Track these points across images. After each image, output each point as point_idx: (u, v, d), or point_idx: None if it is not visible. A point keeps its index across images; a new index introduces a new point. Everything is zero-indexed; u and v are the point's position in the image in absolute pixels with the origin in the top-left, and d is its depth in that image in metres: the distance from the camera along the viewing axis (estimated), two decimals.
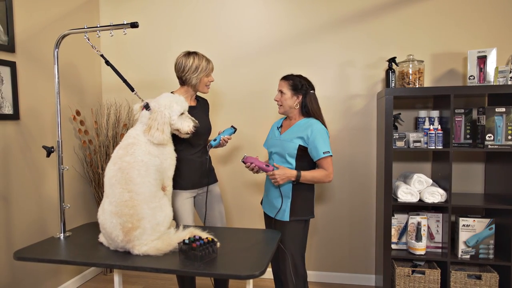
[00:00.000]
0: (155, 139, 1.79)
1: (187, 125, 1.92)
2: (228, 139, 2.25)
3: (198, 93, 2.33)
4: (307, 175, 1.96)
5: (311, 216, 2.07)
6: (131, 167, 1.70)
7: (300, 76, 2.10)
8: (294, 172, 1.95)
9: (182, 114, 1.92)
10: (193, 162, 2.24)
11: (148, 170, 1.74)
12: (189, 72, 2.16)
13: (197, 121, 1.98)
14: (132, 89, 2.05)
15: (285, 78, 2.10)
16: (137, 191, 1.68)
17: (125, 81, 2.04)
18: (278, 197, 2.06)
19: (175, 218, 2.22)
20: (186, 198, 2.22)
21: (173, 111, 1.88)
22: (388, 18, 2.77)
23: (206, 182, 2.31)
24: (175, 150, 2.02)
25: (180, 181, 2.20)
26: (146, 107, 1.89)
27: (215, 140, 2.21)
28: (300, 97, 2.06)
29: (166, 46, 3.15)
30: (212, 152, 2.87)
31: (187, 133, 1.94)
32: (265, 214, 2.21)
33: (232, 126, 2.27)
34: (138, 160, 1.73)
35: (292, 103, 2.07)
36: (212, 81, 2.25)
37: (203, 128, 2.24)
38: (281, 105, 2.10)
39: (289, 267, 2.01)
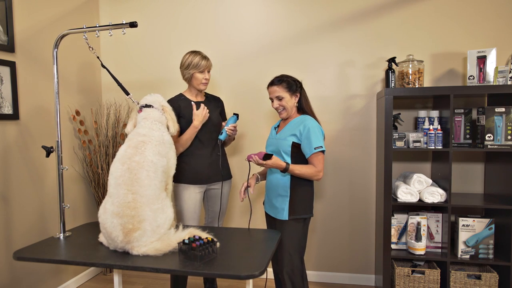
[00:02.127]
0: (174, 131, 1.97)
1: (174, 127, 2.07)
2: (234, 127, 2.30)
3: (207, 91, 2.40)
4: (295, 168, 1.95)
5: (310, 214, 2.06)
6: (140, 168, 1.70)
7: (287, 76, 2.08)
8: (284, 163, 1.94)
9: None
10: (203, 157, 2.29)
11: (157, 172, 1.74)
12: (182, 68, 2.31)
13: None
14: (127, 93, 2.06)
15: (276, 83, 2.05)
16: (142, 193, 1.67)
17: (120, 84, 2.05)
18: (277, 196, 2.06)
19: (181, 212, 2.27)
20: (194, 192, 2.28)
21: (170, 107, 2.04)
22: (388, 18, 2.77)
23: (219, 178, 2.35)
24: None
25: (189, 176, 2.26)
26: (148, 105, 1.91)
27: (221, 133, 2.27)
28: (298, 95, 2.08)
29: (165, 46, 3.15)
30: None
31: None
32: (266, 214, 2.21)
33: (234, 114, 2.33)
34: (148, 160, 1.72)
35: (293, 104, 2.08)
36: (206, 78, 2.29)
37: (212, 120, 2.33)
38: (283, 109, 2.07)
39: (287, 266, 2.01)
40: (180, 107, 2.29)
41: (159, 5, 3.14)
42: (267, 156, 1.91)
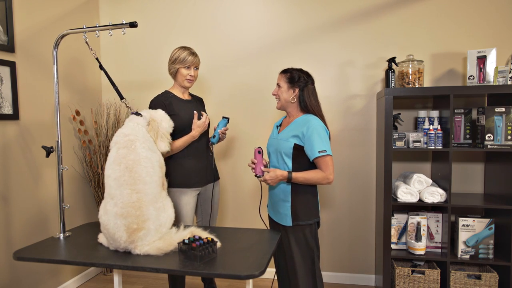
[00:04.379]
0: (161, 150, 1.90)
1: (164, 145, 1.96)
2: (225, 130, 2.29)
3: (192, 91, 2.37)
4: (299, 176, 1.86)
5: (314, 219, 1.96)
6: (137, 165, 1.70)
7: (300, 70, 2.00)
8: (286, 173, 1.87)
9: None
10: (199, 159, 2.27)
11: (154, 167, 1.75)
12: (169, 63, 2.27)
13: (171, 142, 2.04)
14: (121, 97, 2.03)
15: (283, 71, 2.03)
16: (146, 191, 1.68)
17: (116, 88, 2.04)
18: (279, 201, 1.99)
19: (178, 216, 2.23)
20: (192, 196, 2.25)
21: (164, 127, 1.97)
22: (388, 18, 2.77)
23: (211, 179, 2.34)
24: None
25: (187, 180, 2.22)
26: (137, 113, 1.91)
27: (214, 136, 2.26)
28: (297, 90, 1.96)
29: (165, 46, 3.15)
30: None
31: (162, 151, 1.96)
32: (269, 218, 2.14)
33: (223, 117, 2.30)
34: (142, 156, 1.73)
35: (288, 97, 1.98)
36: (191, 75, 2.24)
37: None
38: (278, 99, 2.03)
39: (300, 272, 1.93)
40: (172, 105, 2.21)
41: (158, 5, 3.14)
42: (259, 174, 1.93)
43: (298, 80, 1.97)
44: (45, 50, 2.66)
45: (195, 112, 2.22)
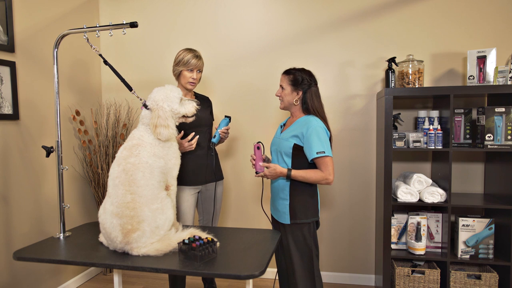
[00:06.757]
0: (162, 137, 1.76)
1: (191, 106, 1.90)
2: (227, 129, 2.28)
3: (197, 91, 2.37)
4: (298, 174, 1.89)
5: (312, 219, 1.97)
6: (135, 169, 1.69)
7: (302, 70, 2.01)
8: (285, 170, 1.89)
9: (181, 99, 1.89)
10: (199, 158, 2.27)
11: (153, 173, 1.72)
12: (173, 64, 2.27)
13: (196, 100, 1.95)
14: (130, 89, 2.02)
15: (287, 72, 2.03)
16: (140, 193, 1.67)
17: (123, 80, 2.01)
18: (279, 199, 2.01)
19: (178, 212, 2.25)
20: (190, 194, 2.26)
21: (172, 101, 1.83)
22: (388, 18, 2.77)
23: (213, 179, 2.34)
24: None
25: (185, 177, 2.23)
26: (145, 106, 1.89)
27: (214, 136, 2.25)
28: (300, 93, 1.98)
29: (165, 46, 3.15)
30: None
31: (194, 113, 1.92)
32: (272, 216, 2.16)
33: (225, 116, 2.30)
34: (143, 161, 1.71)
35: (291, 99, 2.00)
36: (193, 78, 2.22)
37: (204, 120, 2.29)
38: (282, 100, 2.04)
39: (298, 270, 1.94)
40: None
41: (158, 5, 3.14)
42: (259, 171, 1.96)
43: (302, 82, 1.97)
44: (45, 50, 2.66)
45: (181, 133, 2.14)
